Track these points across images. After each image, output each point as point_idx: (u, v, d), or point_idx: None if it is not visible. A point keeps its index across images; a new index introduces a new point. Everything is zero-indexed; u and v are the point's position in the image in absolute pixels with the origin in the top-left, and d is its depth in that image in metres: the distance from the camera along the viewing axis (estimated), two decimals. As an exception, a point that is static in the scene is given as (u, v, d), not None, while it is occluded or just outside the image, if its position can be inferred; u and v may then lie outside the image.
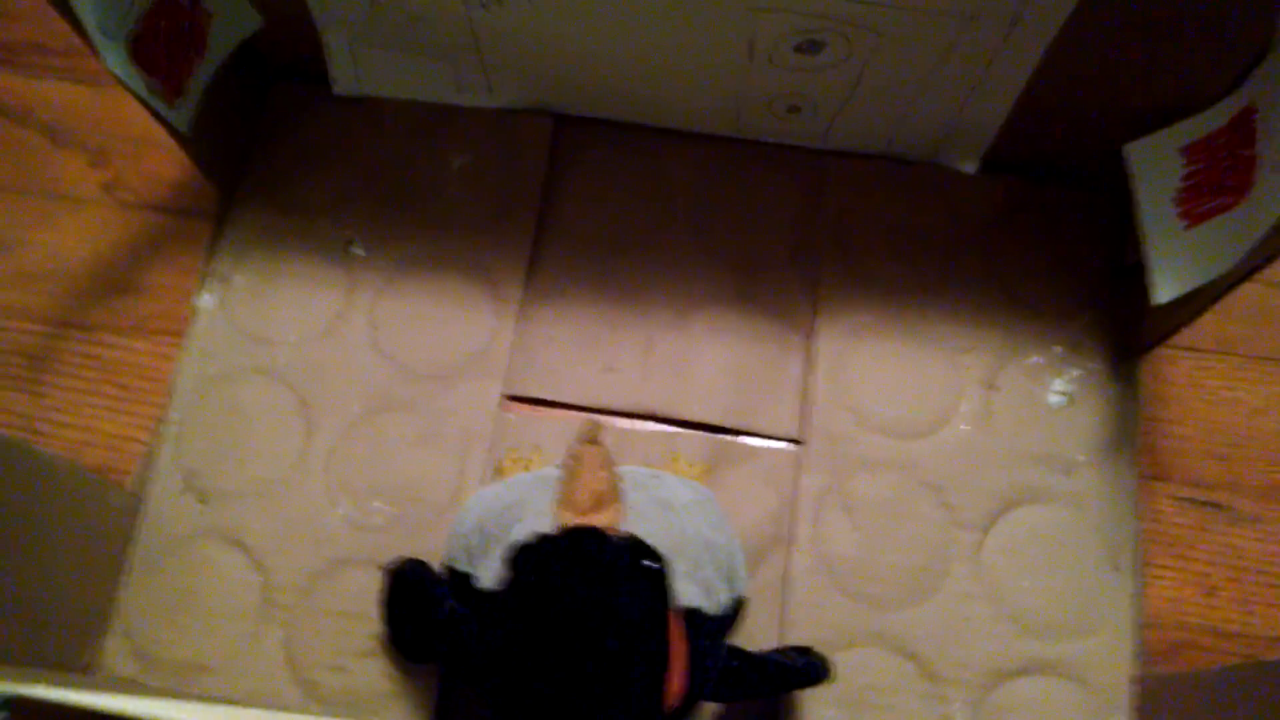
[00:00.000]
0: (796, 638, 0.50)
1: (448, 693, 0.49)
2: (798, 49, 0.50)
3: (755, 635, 0.49)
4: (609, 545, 0.35)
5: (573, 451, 0.36)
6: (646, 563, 0.35)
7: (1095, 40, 0.47)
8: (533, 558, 0.35)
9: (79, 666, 0.50)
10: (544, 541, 0.36)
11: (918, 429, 0.53)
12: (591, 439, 0.36)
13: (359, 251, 0.57)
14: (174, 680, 0.50)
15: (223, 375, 0.55)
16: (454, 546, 0.44)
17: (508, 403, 0.55)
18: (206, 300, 0.57)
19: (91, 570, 0.50)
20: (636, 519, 0.38)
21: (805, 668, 0.42)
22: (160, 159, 0.60)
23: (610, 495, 0.36)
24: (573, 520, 0.35)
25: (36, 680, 0.30)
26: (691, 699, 0.37)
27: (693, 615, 0.37)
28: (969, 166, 0.57)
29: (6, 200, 0.59)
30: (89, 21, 0.45)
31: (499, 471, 0.51)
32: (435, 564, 0.48)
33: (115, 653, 0.51)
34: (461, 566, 0.43)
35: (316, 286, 0.57)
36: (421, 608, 0.44)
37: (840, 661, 0.49)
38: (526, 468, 0.50)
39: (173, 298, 0.57)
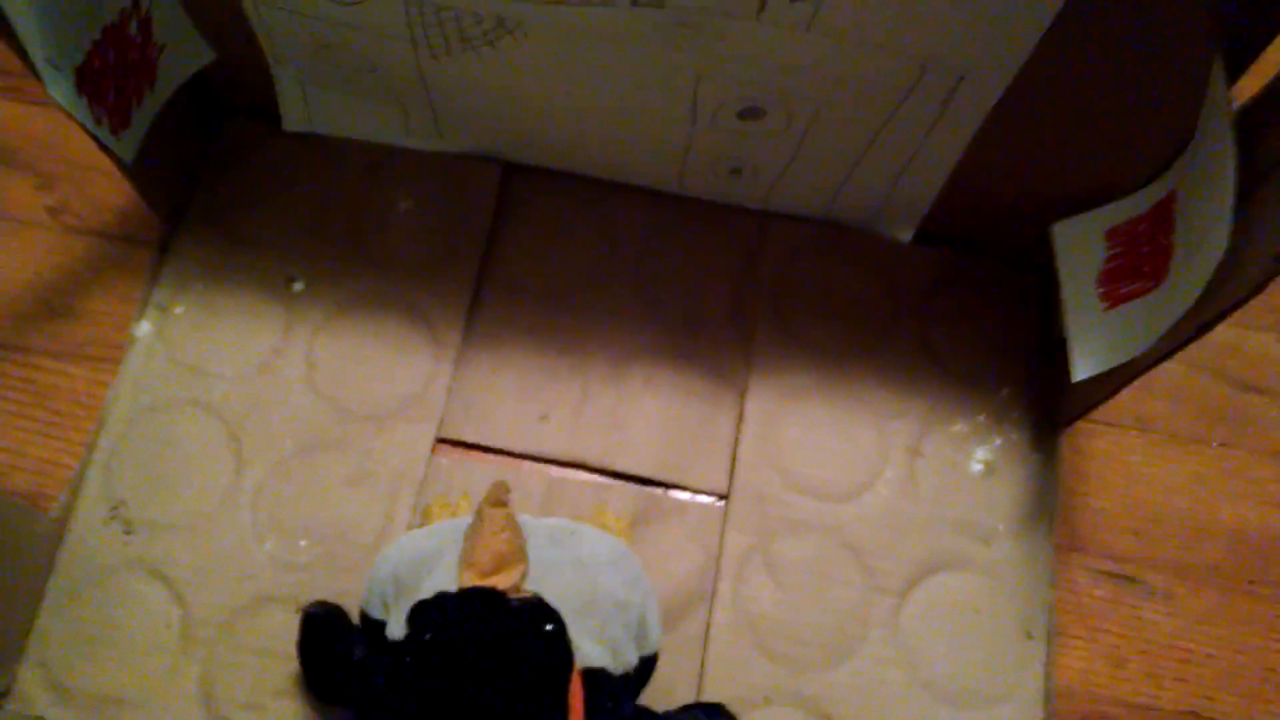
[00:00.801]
0: (714, 694, 0.50)
1: (360, 737, 0.49)
2: (740, 115, 0.51)
3: (673, 689, 0.50)
4: (506, 607, 0.36)
5: (478, 512, 0.36)
6: (545, 626, 0.36)
7: (1025, 123, 0.49)
8: (430, 616, 0.36)
9: (-10, 696, 0.49)
10: (441, 600, 0.36)
11: (843, 492, 0.54)
12: (497, 501, 0.36)
13: (300, 288, 0.57)
14: (88, 713, 0.50)
15: (156, 405, 0.55)
16: (370, 593, 0.44)
17: (440, 446, 0.55)
18: (145, 329, 0.57)
19: (9, 597, 0.50)
20: (549, 574, 0.39)
21: (712, 729, 0.42)
22: (107, 186, 0.60)
23: (513, 557, 0.36)
24: (473, 581, 0.36)
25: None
26: (591, 760, 0.37)
27: (596, 675, 0.37)
28: (904, 236, 0.59)
29: (-51, 219, 0.59)
30: (34, 51, 0.45)
31: (426, 516, 0.51)
32: (355, 608, 0.48)
33: (30, 682, 0.50)
34: (376, 614, 0.43)
35: (256, 321, 0.57)
36: (334, 654, 0.44)
37: (754, 720, 0.49)
38: (454, 514, 0.50)
39: (111, 325, 0.57)
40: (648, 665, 0.43)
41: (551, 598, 0.37)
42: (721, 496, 0.54)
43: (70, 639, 0.51)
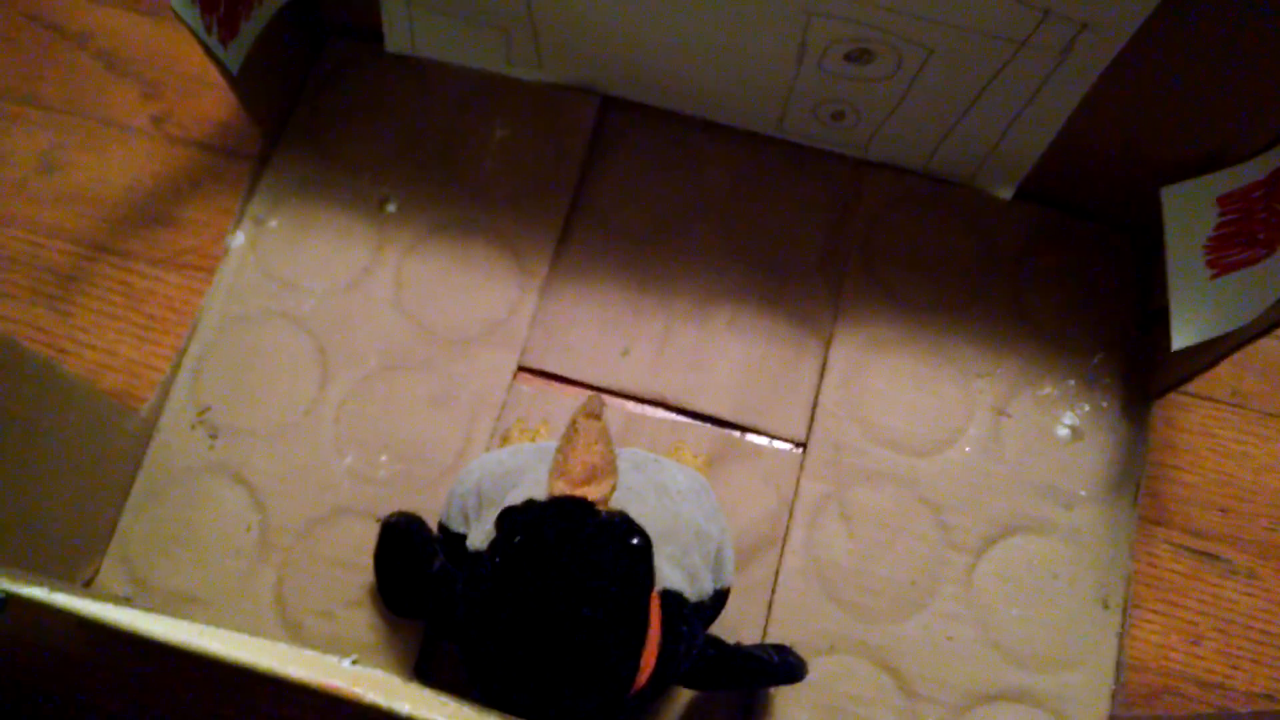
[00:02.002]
0: (779, 637, 0.50)
1: (429, 649, 0.50)
2: (848, 57, 0.50)
3: (739, 629, 0.50)
4: (595, 518, 0.36)
5: (572, 423, 0.36)
6: (632, 540, 0.36)
7: (1141, 81, 0.47)
8: (519, 521, 0.36)
9: (75, 583, 0.51)
10: (532, 506, 0.36)
11: (923, 447, 0.54)
12: (593, 413, 0.36)
13: (392, 209, 0.58)
14: (165, 609, 0.51)
15: (247, 315, 0.56)
16: (451, 507, 0.44)
17: (522, 374, 0.55)
18: (239, 240, 0.58)
19: (97, 491, 0.51)
20: (632, 498, 0.39)
21: (780, 665, 0.42)
22: (211, 98, 0.61)
23: (604, 470, 0.36)
24: (564, 490, 0.36)
25: (38, 583, 0.31)
26: (662, 680, 0.37)
27: (673, 599, 0.38)
28: (1004, 192, 0.57)
29: (58, 120, 0.61)
30: (155, -46, 0.46)
31: (505, 440, 0.52)
32: (432, 522, 0.48)
33: (111, 575, 0.52)
34: (456, 527, 0.43)
35: (347, 239, 0.57)
36: (412, 563, 0.45)
37: (820, 666, 0.49)
38: (533, 439, 0.51)
39: (207, 235, 0.58)
40: (721, 598, 0.43)
41: (635, 518, 0.37)
42: (798, 444, 0.54)
43: (152, 536, 0.52)
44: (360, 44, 0.61)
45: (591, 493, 0.36)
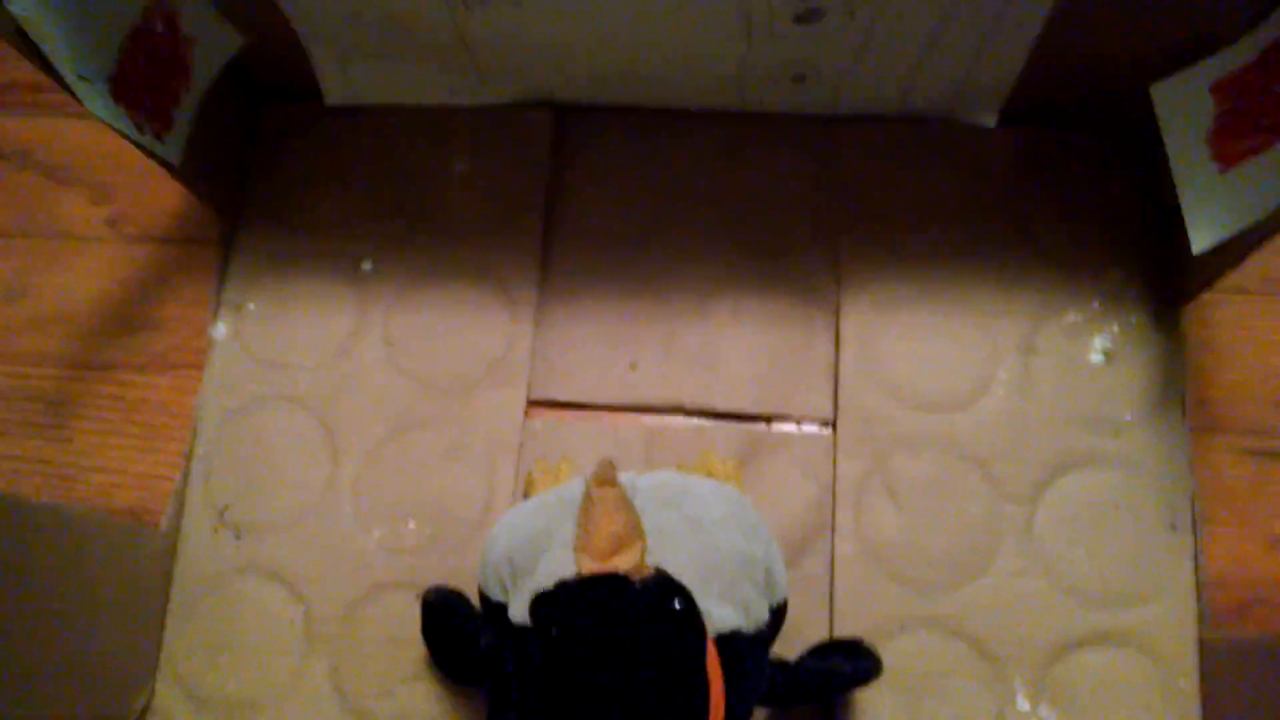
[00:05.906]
0: (846, 627, 0.49)
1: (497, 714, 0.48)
2: (796, 19, 0.48)
3: (804, 629, 0.48)
4: (631, 591, 0.34)
5: (586, 495, 0.35)
6: (672, 604, 0.34)
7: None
8: (553, 609, 0.34)
9: (135, 715, 0.50)
10: (563, 591, 0.35)
11: (955, 401, 0.52)
12: (606, 480, 0.35)
13: (368, 266, 0.56)
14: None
15: (244, 406, 0.54)
16: (486, 576, 0.43)
17: (532, 409, 0.54)
18: (221, 330, 0.56)
19: (135, 618, 0.50)
20: (666, 543, 0.37)
21: (854, 671, 0.41)
22: (161, 189, 0.59)
23: (630, 536, 0.34)
24: (592, 566, 0.34)
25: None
26: (738, 722, 0.36)
27: (730, 641, 0.36)
28: (988, 120, 0.55)
29: (13, 245, 0.59)
30: (64, 66, 0.44)
31: (530, 484, 0.50)
32: (471, 587, 0.47)
33: (168, 697, 0.51)
34: (495, 596, 0.42)
35: (328, 306, 0.55)
36: (458, 640, 0.43)
37: (893, 648, 0.48)
38: (556, 478, 0.49)
39: (188, 330, 0.57)
40: (779, 614, 0.41)
41: (673, 567, 0.36)
42: (828, 423, 0.52)
43: (198, 649, 0.51)
44: (300, 104, 0.58)
45: (621, 563, 0.34)
